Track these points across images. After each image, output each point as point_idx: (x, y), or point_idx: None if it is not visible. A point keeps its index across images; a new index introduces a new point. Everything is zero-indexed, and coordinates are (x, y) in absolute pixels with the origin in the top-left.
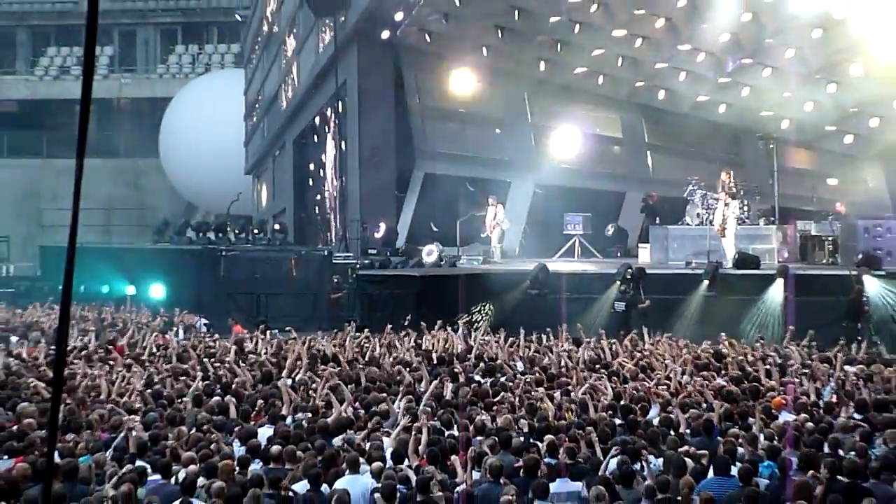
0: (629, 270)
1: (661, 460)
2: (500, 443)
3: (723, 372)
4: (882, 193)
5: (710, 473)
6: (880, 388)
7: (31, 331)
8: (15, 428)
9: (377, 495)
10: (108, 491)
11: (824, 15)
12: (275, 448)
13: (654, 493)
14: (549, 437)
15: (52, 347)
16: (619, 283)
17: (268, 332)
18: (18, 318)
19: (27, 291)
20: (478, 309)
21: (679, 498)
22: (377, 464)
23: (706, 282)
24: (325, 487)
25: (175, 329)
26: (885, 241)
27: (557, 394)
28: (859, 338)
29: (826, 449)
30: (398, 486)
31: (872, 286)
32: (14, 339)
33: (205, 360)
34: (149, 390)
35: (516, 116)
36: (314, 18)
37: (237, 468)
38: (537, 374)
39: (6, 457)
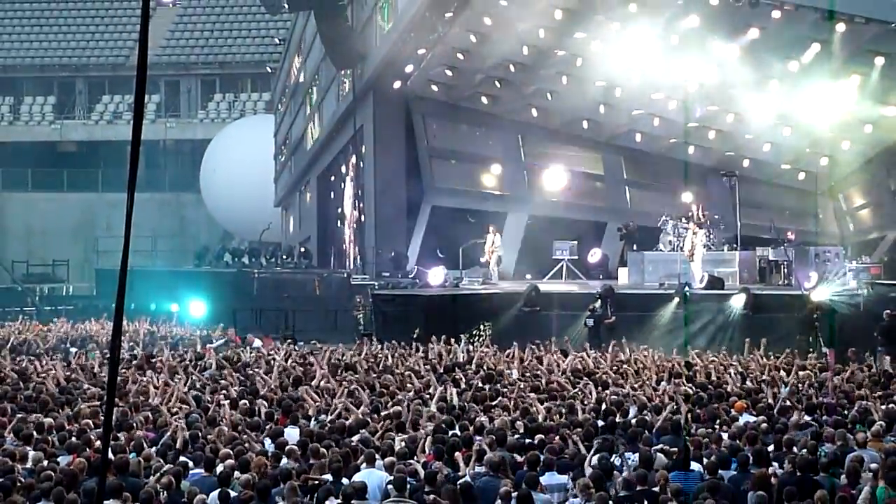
0: (598, 291)
1: (636, 455)
2: (497, 440)
3: (691, 379)
4: (831, 224)
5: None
6: (829, 393)
7: (87, 343)
8: (74, 428)
9: (390, 486)
10: (154, 483)
11: (782, 70)
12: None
13: (630, 485)
14: (539, 435)
15: (107, 357)
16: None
17: (295, 344)
18: (76, 331)
19: (84, 309)
20: (477, 327)
21: (655, 489)
22: (390, 459)
23: (677, 300)
24: (344, 480)
25: (215, 342)
26: (832, 265)
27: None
28: (811, 349)
29: (782, 447)
30: (408, 479)
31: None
32: (73, 349)
33: (238, 369)
34: (192, 394)
35: (511, 156)
36: (335, 70)
37: (268, 463)
38: (530, 382)
39: (66, 453)
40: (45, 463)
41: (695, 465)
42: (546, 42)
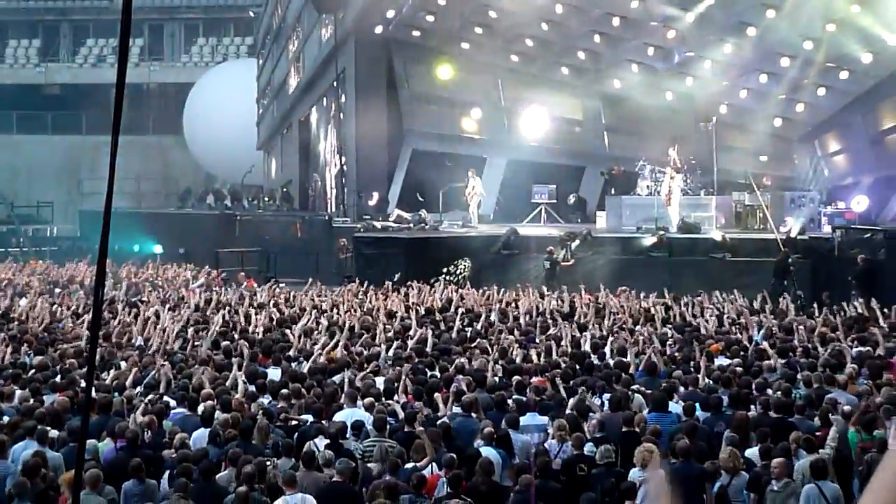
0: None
1: (608, 395)
2: (476, 382)
3: (668, 321)
4: (806, 169)
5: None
6: (803, 336)
7: (71, 284)
8: (58, 367)
9: (370, 427)
10: (137, 420)
11: (760, 13)
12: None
13: (604, 426)
14: (517, 377)
15: (90, 298)
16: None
17: (277, 285)
18: (60, 272)
19: (68, 250)
20: (456, 263)
21: (636, 430)
22: (369, 399)
23: (654, 243)
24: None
25: (199, 282)
26: (808, 209)
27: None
28: (785, 293)
29: (755, 389)
30: (388, 419)
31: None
32: (57, 290)
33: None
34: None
35: (491, 101)
36: (317, 15)
37: (246, 403)
38: (508, 324)
39: (51, 392)
40: (31, 401)
41: (672, 407)
42: None
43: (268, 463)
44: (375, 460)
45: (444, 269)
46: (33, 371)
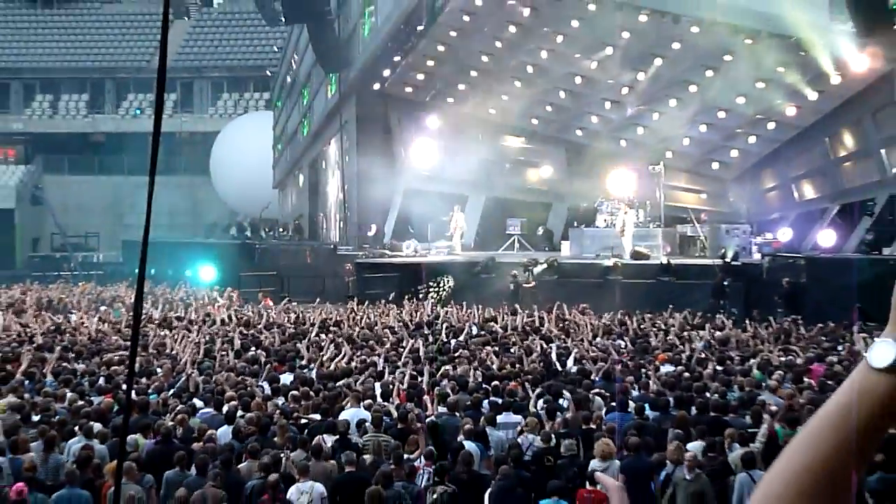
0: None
1: (571, 397)
2: (458, 386)
3: (622, 335)
4: (739, 205)
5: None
6: (735, 347)
7: (115, 302)
8: (103, 373)
9: (369, 424)
10: (169, 420)
11: (700, 73)
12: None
13: (568, 424)
14: (494, 382)
15: (131, 314)
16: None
17: (290, 304)
18: (105, 292)
19: (112, 273)
20: (439, 280)
21: (595, 427)
22: (368, 401)
23: (610, 268)
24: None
25: (223, 301)
26: (740, 239)
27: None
28: (722, 310)
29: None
30: (384, 417)
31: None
32: (102, 308)
33: (241, 325)
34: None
35: (473, 146)
36: (324, 74)
37: (265, 404)
38: (486, 336)
39: (97, 394)
40: (80, 402)
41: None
42: (501, 51)
43: (282, 455)
44: (371, 452)
45: (430, 283)
46: (82, 377)
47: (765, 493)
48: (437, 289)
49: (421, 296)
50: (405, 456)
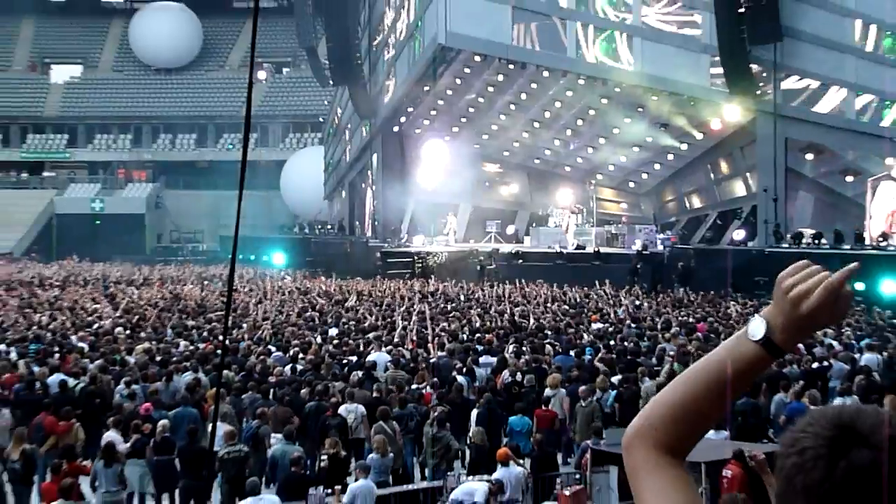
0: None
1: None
2: (452, 337)
3: (566, 302)
4: (648, 212)
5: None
6: (646, 310)
7: (214, 278)
8: (206, 327)
9: (389, 362)
10: (251, 360)
11: (621, 120)
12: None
13: (528, 364)
14: (477, 334)
15: (225, 287)
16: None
17: (335, 279)
18: (207, 271)
19: (211, 258)
20: (431, 253)
21: (545, 365)
22: (389, 347)
23: (557, 255)
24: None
25: (289, 278)
26: (648, 236)
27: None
28: (636, 285)
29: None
30: (400, 359)
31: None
32: (206, 282)
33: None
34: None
35: (463, 167)
36: (359, 119)
37: (318, 349)
38: (471, 302)
39: (201, 342)
40: (188, 348)
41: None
42: (482, 104)
43: (330, 385)
44: (391, 383)
45: (426, 253)
46: (191, 329)
47: (650, 411)
48: (421, 264)
49: (417, 269)
50: (415, 385)
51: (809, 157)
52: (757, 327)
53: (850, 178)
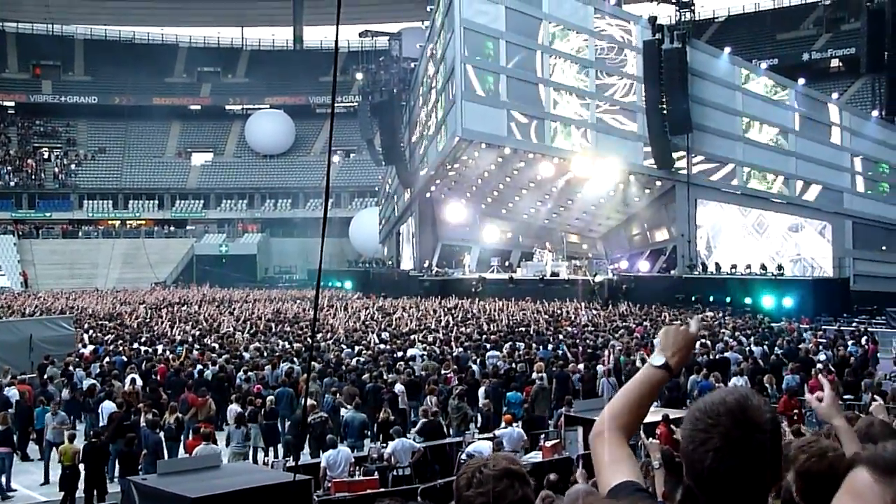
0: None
1: (522, 344)
2: (467, 338)
3: (547, 313)
4: (602, 250)
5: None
6: (601, 318)
7: (304, 298)
8: (299, 332)
9: (424, 355)
10: (328, 355)
11: (581, 190)
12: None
13: (521, 356)
14: (486, 335)
15: (312, 305)
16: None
17: (386, 299)
18: (298, 294)
19: (302, 285)
20: (481, 279)
21: (533, 357)
22: (423, 344)
23: (540, 280)
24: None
25: (354, 298)
26: (603, 266)
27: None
28: (594, 301)
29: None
30: (433, 353)
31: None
32: (298, 301)
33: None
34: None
35: (474, 221)
36: (403, 187)
37: (373, 346)
38: (481, 314)
39: (296, 343)
40: (286, 346)
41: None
42: (487, 177)
43: (383, 371)
44: (425, 370)
45: (480, 278)
46: (289, 333)
47: (609, 410)
48: (478, 286)
49: (476, 288)
50: (443, 372)
51: None
52: (658, 358)
53: None
